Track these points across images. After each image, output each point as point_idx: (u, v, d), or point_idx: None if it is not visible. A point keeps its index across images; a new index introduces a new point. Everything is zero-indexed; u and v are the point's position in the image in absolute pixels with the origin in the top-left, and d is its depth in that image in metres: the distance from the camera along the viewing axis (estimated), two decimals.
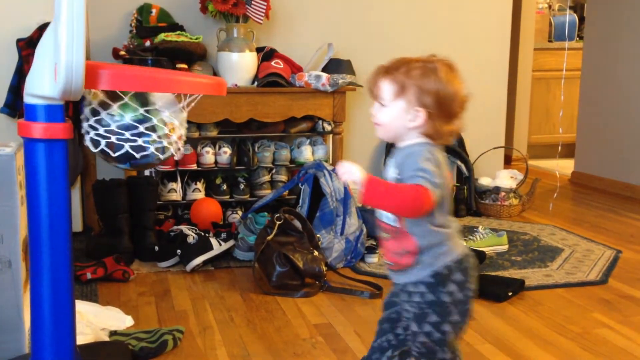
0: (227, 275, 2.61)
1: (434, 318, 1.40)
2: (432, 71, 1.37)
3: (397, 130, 1.39)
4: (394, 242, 1.41)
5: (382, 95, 1.40)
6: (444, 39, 3.74)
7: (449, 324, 1.40)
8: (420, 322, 1.41)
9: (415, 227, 1.37)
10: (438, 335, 1.41)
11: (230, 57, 3.15)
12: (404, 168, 1.34)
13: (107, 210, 2.73)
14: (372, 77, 1.43)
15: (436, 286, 1.38)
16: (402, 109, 1.37)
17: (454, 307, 1.39)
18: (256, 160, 3.21)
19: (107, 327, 1.94)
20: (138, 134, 1.56)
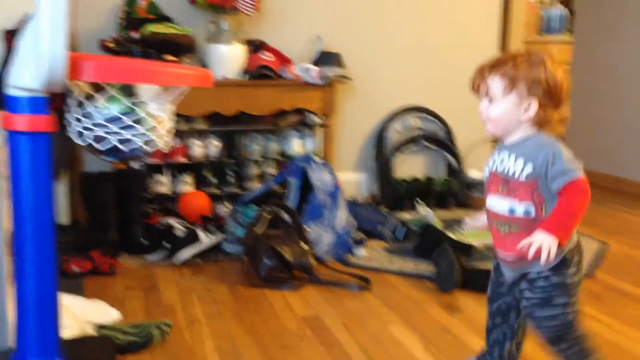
0: (215, 269, 2.60)
1: (562, 300, 1.46)
2: (539, 62, 1.42)
3: (510, 124, 1.45)
4: (528, 234, 1.42)
5: (492, 91, 1.45)
6: (433, 31, 3.73)
7: (574, 304, 1.47)
8: (547, 306, 1.47)
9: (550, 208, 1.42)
10: (566, 317, 1.47)
11: (220, 50, 3.13)
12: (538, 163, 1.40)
13: (95, 203, 2.71)
14: (477, 75, 1.49)
15: (561, 268, 1.45)
16: (514, 103, 1.43)
17: (576, 287, 1.47)
18: (245, 153, 3.20)
19: (93, 320, 1.92)
20: (124, 127, 1.55)
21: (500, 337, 1.62)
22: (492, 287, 1.62)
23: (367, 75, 3.60)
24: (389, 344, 1.97)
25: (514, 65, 1.42)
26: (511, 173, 1.44)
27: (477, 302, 2.29)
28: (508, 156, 1.46)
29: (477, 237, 2.92)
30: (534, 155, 1.41)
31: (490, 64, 1.45)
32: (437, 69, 3.75)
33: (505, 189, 1.46)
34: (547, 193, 1.42)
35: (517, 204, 1.44)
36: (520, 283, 1.51)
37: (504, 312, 1.59)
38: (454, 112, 3.79)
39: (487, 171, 1.54)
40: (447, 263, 2.42)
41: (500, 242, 1.52)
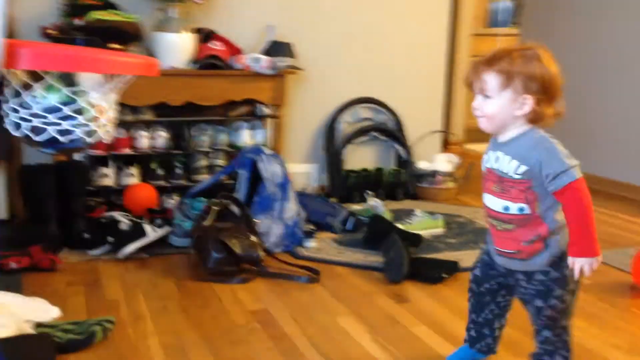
0: (161, 263, 2.55)
1: (558, 292, 1.50)
2: (534, 57, 1.43)
3: (504, 120, 1.45)
4: (523, 230, 1.47)
5: (488, 87, 1.44)
6: (384, 22, 3.74)
7: (570, 294, 1.51)
8: (547, 297, 1.50)
9: (548, 211, 1.46)
10: (562, 306, 1.51)
11: (167, 38, 3.05)
12: (534, 163, 1.42)
13: (34, 196, 2.62)
14: (472, 70, 1.47)
15: (559, 262, 1.48)
16: (509, 99, 1.43)
17: (571, 277, 1.49)
18: (193, 144, 3.14)
19: (32, 319, 1.85)
20: (63, 117, 1.49)
21: (490, 316, 1.66)
22: (482, 269, 1.65)
23: (318, 66, 3.58)
24: (337, 335, 1.97)
25: (509, 61, 1.42)
26: (505, 172, 1.47)
27: (426, 292, 2.31)
28: (503, 155, 1.47)
29: (426, 227, 2.96)
30: (527, 154, 1.43)
31: (486, 59, 1.45)
32: (387, 60, 3.77)
33: (500, 187, 1.48)
34: (541, 190, 1.45)
35: (511, 202, 1.47)
36: (516, 273, 1.55)
37: (494, 292, 1.63)
38: (404, 103, 3.82)
39: (484, 166, 1.56)
40: (396, 253, 2.44)
41: (496, 237, 1.55)
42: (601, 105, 4.11)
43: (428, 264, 2.50)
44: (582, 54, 4.21)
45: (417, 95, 3.88)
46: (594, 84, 4.15)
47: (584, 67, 4.19)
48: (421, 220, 2.98)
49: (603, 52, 4.07)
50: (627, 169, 3.91)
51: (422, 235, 2.80)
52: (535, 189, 1.44)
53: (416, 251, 2.65)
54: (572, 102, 4.72)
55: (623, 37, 3.94)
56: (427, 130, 3.91)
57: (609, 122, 4.05)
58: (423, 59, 3.86)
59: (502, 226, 1.50)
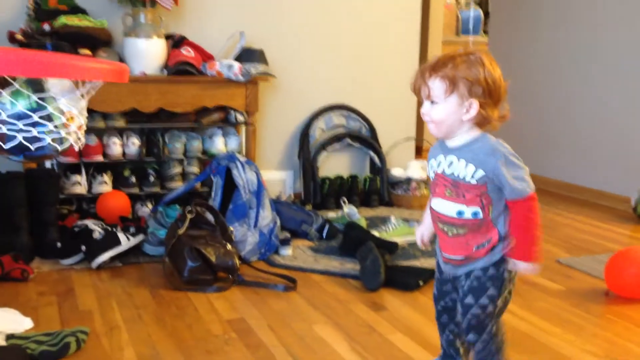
0: (136, 272, 2.50)
1: (491, 291, 1.49)
2: (477, 62, 1.43)
3: (452, 124, 1.45)
4: (475, 234, 1.48)
5: (434, 93, 1.44)
6: (356, 29, 3.76)
7: (502, 299, 1.51)
8: (478, 295, 1.50)
9: (500, 216, 1.48)
10: (491, 309, 1.50)
11: (137, 44, 3.02)
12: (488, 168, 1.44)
13: (3, 205, 2.55)
14: (418, 77, 1.47)
15: (500, 263, 1.49)
16: (455, 104, 1.43)
17: (509, 283, 1.50)
18: (167, 151, 3.10)
19: (3, 330, 1.81)
20: (32, 124, 1.46)
21: (451, 336, 1.64)
22: (437, 286, 1.63)
23: (291, 72, 3.58)
24: (314, 344, 1.96)
25: (453, 66, 1.42)
26: (461, 177, 1.46)
27: (402, 300, 2.31)
28: (457, 160, 1.47)
29: (401, 234, 2.97)
30: (484, 159, 1.44)
31: (431, 66, 1.45)
32: (360, 67, 3.78)
33: (454, 192, 1.48)
34: (494, 195, 1.46)
35: (466, 207, 1.47)
36: (456, 279, 1.56)
37: (450, 309, 1.61)
38: (377, 110, 3.83)
39: (432, 172, 1.54)
40: (372, 261, 2.44)
41: (446, 243, 1.54)
42: (566, 110, 4.19)
43: (404, 272, 2.50)
44: (546, 61, 4.29)
45: (390, 102, 3.90)
46: (557, 90, 4.22)
47: (547, 73, 4.27)
48: (396, 228, 2.98)
49: (567, 59, 4.15)
50: (600, 176, 3.97)
51: (398, 242, 2.80)
52: (490, 193, 1.46)
53: (392, 259, 2.65)
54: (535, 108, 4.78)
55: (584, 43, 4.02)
56: (401, 137, 3.92)
57: (577, 127, 4.12)
58: (395, 66, 3.88)
59: (453, 231, 1.50)
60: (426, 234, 1.67)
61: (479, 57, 1.44)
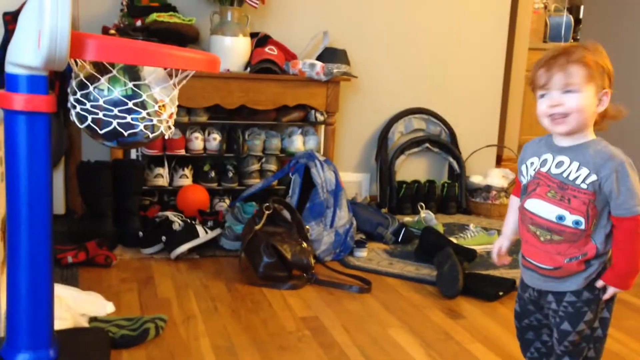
0: (212, 264, 2.54)
1: (589, 316, 1.39)
2: (601, 51, 1.35)
3: (587, 117, 1.35)
4: (570, 246, 1.36)
5: (573, 80, 1.32)
6: (441, 33, 3.68)
7: (599, 321, 1.42)
8: (576, 321, 1.40)
9: (600, 230, 1.36)
10: (588, 332, 1.41)
11: (223, 41, 3.07)
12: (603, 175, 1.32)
13: (91, 192, 2.65)
14: (548, 65, 1.35)
15: (592, 286, 1.39)
16: (593, 93, 1.34)
17: (606, 303, 1.41)
18: (246, 148, 3.13)
19: (87, 312, 1.86)
20: (127, 111, 1.49)
21: (536, 354, 1.54)
22: (520, 304, 1.53)
23: (373, 74, 3.54)
24: (389, 347, 1.92)
25: (589, 53, 1.33)
26: (571, 179, 1.34)
27: (480, 309, 2.23)
28: (570, 161, 1.35)
29: (480, 243, 2.88)
30: (599, 166, 1.32)
31: (562, 52, 1.34)
32: (443, 71, 3.70)
33: (559, 194, 1.35)
34: (600, 207, 1.34)
35: (569, 213, 1.35)
36: (547, 295, 1.43)
37: (536, 328, 1.51)
38: (459, 115, 3.74)
39: (532, 170, 1.42)
40: (450, 268, 2.37)
41: (536, 249, 1.41)
42: None
43: (483, 281, 2.42)
44: None
45: (473, 108, 3.80)
46: None
47: None
48: (475, 236, 2.89)
49: None
50: None
51: (477, 250, 2.72)
52: (597, 203, 1.33)
53: (470, 267, 2.57)
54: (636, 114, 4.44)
55: None
56: (482, 144, 3.81)
57: None
58: (480, 71, 3.78)
59: (547, 237, 1.37)
60: (505, 245, 1.58)
61: (598, 46, 1.35)
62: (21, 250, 1.40)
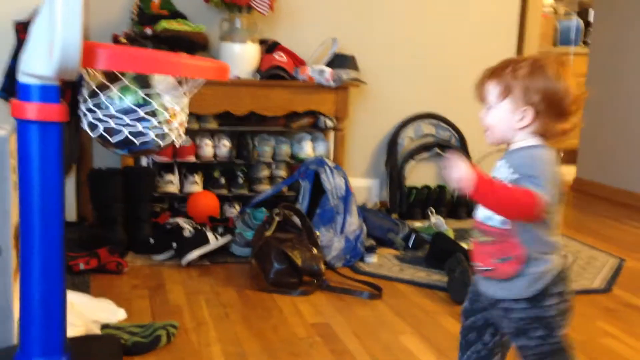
0: (223, 271, 2.54)
1: (540, 332, 1.36)
2: (539, 69, 1.33)
3: (505, 131, 1.35)
4: (497, 246, 1.34)
5: (489, 97, 1.37)
6: (450, 38, 3.68)
7: (557, 335, 1.36)
8: (524, 337, 1.37)
9: (526, 232, 1.32)
10: (548, 347, 1.37)
11: (233, 48, 3.08)
12: (521, 170, 1.30)
13: (102, 199, 2.66)
14: (479, 80, 1.40)
15: (539, 300, 1.34)
16: (508, 110, 1.34)
17: (560, 317, 1.36)
18: (256, 154, 3.14)
19: (99, 319, 1.87)
20: (138, 119, 1.49)
21: (474, 355, 1.48)
22: (469, 301, 1.49)
23: (382, 79, 3.54)
24: (400, 354, 1.91)
25: (512, 70, 1.33)
26: (500, 179, 1.34)
27: None
28: (504, 163, 1.35)
29: None
30: (520, 163, 1.31)
31: (492, 69, 1.38)
32: (452, 76, 3.70)
33: None
34: None
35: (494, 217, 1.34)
36: (497, 306, 1.40)
37: (479, 329, 1.47)
38: (468, 120, 3.72)
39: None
40: (462, 273, 2.36)
41: (475, 250, 1.41)
42: None
43: None
44: None
45: None
46: None
47: None
48: None
49: None
50: None
51: None
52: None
53: None
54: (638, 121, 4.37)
55: None
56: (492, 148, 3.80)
57: None
58: None
59: (481, 238, 1.37)
60: None
61: (544, 63, 1.33)
62: (34, 257, 1.41)
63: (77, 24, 1.25)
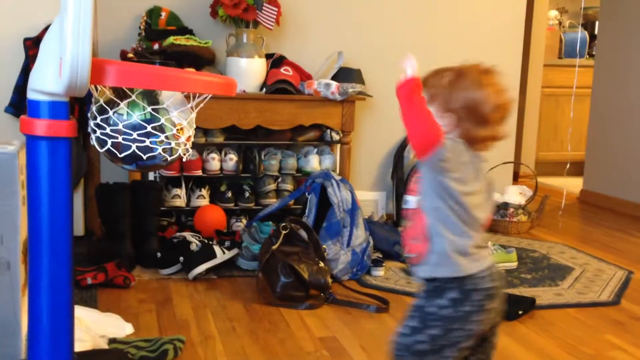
0: (230, 285, 2.54)
1: (414, 322, 1.35)
2: (461, 77, 1.37)
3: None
4: (412, 227, 1.37)
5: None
6: (455, 51, 3.69)
7: (425, 335, 1.33)
8: (404, 322, 1.37)
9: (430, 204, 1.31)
10: (408, 340, 1.35)
11: (239, 63, 3.11)
12: None
13: (110, 214, 2.68)
14: None
15: (432, 295, 1.34)
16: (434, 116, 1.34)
17: (439, 322, 1.32)
18: (262, 168, 3.15)
19: (106, 334, 1.88)
20: (145, 134, 1.51)
21: None
22: None
23: (388, 93, 3.55)
24: None
25: (438, 79, 1.39)
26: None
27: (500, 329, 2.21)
28: None
29: (498, 261, 2.86)
30: None
31: (422, 78, 1.40)
32: None
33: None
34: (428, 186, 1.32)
35: (411, 196, 1.39)
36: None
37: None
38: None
39: None
40: None
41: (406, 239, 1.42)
42: None
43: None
44: None
45: None
46: None
47: None
48: (493, 253, 2.87)
49: None
50: None
51: None
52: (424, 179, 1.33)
53: None
54: None
55: None
56: (498, 161, 3.80)
57: None
58: None
59: (405, 225, 1.41)
60: None
61: (466, 73, 1.38)
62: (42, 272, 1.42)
63: (87, 41, 1.27)
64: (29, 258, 1.44)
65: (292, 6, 3.36)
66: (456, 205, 1.31)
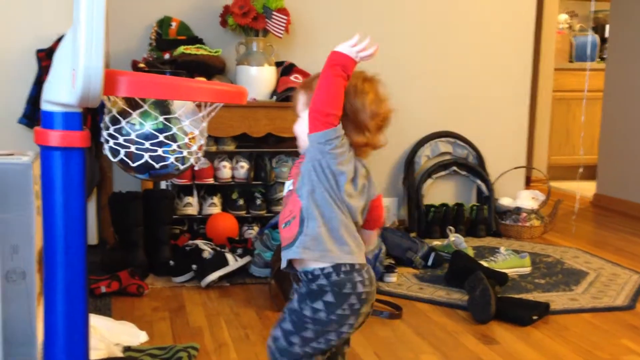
0: (242, 292, 2.55)
1: (287, 326, 1.35)
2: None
3: (306, 140, 1.37)
4: (286, 209, 1.37)
5: (297, 106, 1.43)
6: (465, 58, 3.69)
7: (299, 337, 1.33)
8: (277, 324, 1.37)
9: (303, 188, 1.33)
10: (284, 344, 1.34)
11: (249, 71, 3.12)
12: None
13: (123, 223, 2.69)
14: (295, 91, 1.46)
15: (308, 296, 1.33)
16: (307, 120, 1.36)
17: (312, 324, 1.32)
18: (273, 175, 3.16)
19: (120, 342, 1.89)
20: (158, 144, 1.52)
21: None
22: None
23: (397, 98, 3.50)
24: None
25: (316, 82, 1.37)
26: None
27: (514, 334, 2.20)
28: None
29: (511, 266, 2.84)
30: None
31: (303, 81, 1.43)
32: (468, 94, 3.70)
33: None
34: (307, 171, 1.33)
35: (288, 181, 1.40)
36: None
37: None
38: (486, 138, 3.73)
39: None
40: (482, 292, 2.34)
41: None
42: None
43: (516, 304, 2.39)
44: None
45: (499, 130, 3.79)
46: None
47: None
48: (506, 259, 2.86)
49: None
50: None
51: (508, 274, 2.68)
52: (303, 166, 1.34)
53: (502, 291, 2.54)
54: None
55: None
56: (510, 165, 3.79)
57: None
58: (505, 93, 3.77)
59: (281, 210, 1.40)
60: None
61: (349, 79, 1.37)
62: (57, 282, 1.43)
63: (100, 53, 1.29)
64: (44, 267, 1.46)
65: (302, 14, 3.38)
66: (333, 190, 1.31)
